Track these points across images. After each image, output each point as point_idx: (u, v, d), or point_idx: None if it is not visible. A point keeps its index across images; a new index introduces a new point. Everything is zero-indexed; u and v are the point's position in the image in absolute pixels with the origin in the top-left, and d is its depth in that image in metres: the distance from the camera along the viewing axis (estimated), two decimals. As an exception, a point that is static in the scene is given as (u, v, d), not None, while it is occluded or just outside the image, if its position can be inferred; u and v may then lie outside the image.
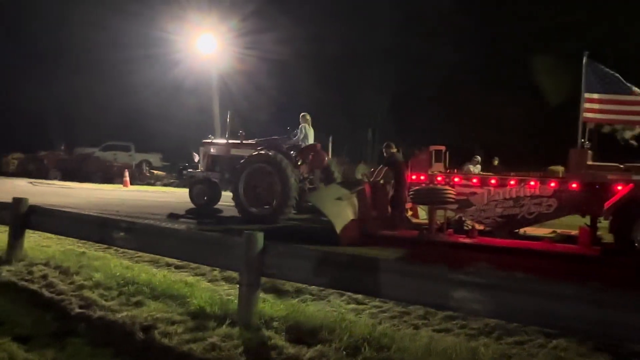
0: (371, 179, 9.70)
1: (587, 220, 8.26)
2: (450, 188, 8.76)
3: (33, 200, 6.75)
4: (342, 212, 8.49)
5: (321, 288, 5.26)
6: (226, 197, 12.44)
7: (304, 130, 11.20)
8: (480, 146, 17.71)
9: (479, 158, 14.41)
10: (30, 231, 6.69)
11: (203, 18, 21.98)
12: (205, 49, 20.75)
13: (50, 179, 21.49)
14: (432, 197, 8.75)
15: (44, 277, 5.47)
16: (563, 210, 8.20)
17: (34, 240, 7.32)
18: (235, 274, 5.80)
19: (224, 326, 4.13)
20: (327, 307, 4.91)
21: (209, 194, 12.12)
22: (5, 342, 3.91)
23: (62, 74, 29.52)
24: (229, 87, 23.64)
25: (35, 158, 23.66)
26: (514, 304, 3.34)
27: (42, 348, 3.87)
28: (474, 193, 8.70)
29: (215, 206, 12.76)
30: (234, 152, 11.77)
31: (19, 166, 23.74)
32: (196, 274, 6.16)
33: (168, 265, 6.49)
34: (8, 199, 6.68)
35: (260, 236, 4.35)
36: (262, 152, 10.93)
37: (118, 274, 5.55)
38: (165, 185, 21.87)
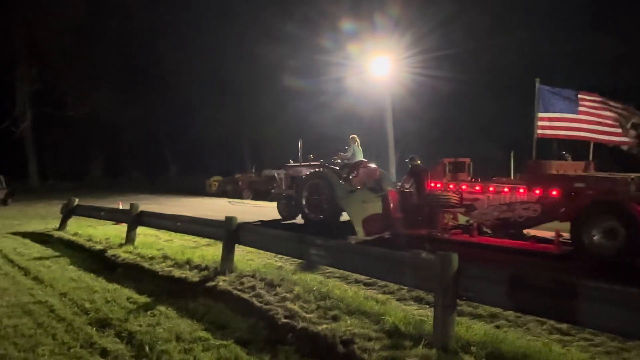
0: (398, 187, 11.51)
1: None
2: (453, 194, 9.99)
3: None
4: (363, 212, 10.46)
5: (518, 314, 4.98)
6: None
7: (352, 150, 13.03)
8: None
9: None
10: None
11: (376, 42, 22.69)
12: (379, 71, 21.35)
13: (244, 198, 23.99)
14: (436, 201, 10.19)
15: (252, 287, 6.12)
16: (546, 215, 8.86)
17: (239, 254, 8.28)
18: (424, 294, 5.84)
19: (420, 347, 4.15)
20: (527, 335, 4.61)
21: (290, 207, 13.92)
22: (230, 344, 4.49)
23: (251, 104, 33.09)
24: (401, 108, 23.96)
25: (231, 180, 26.62)
26: None
27: (259, 352, 4.35)
28: (477, 199, 9.69)
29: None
30: (304, 172, 13.65)
31: (218, 187, 26.94)
32: (384, 292, 6.31)
33: (357, 281, 6.76)
34: (214, 217, 7.66)
35: (454, 257, 4.30)
36: (316, 170, 13.04)
37: (314, 288, 5.96)
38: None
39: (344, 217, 12.01)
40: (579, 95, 9.38)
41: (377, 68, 21.09)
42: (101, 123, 34.42)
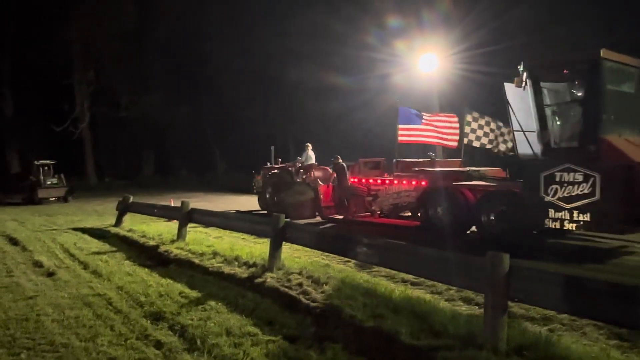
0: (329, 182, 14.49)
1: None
2: (361, 186, 13.04)
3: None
4: (297, 200, 13.67)
5: (573, 318, 4.81)
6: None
7: (305, 155, 16.09)
8: None
9: None
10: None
11: (423, 38, 22.36)
12: (426, 68, 21.00)
13: (289, 196, 24.24)
14: (351, 192, 13.24)
15: (300, 285, 6.17)
16: (419, 200, 11.42)
17: (286, 252, 8.36)
18: (473, 295, 5.73)
19: (470, 348, 4.07)
20: (583, 339, 4.44)
21: (267, 201, 16.42)
22: (278, 340, 4.57)
23: (297, 102, 33.34)
24: (449, 106, 23.50)
25: (275, 178, 26.91)
26: None
27: (307, 349, 4.40)
28: (379, 189, 12.53)
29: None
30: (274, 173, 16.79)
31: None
32: (432, 292, 6.23)
33: (404, 281, 6.71)
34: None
35: (506, 258, 4.20)
36: (275, 171, 16.31)
37: (361, 286, 5.96)
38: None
39: None
40: (423, 115, 13.39)
41: (424, 65, 20.75)
42: (152, 123, 35.60)
